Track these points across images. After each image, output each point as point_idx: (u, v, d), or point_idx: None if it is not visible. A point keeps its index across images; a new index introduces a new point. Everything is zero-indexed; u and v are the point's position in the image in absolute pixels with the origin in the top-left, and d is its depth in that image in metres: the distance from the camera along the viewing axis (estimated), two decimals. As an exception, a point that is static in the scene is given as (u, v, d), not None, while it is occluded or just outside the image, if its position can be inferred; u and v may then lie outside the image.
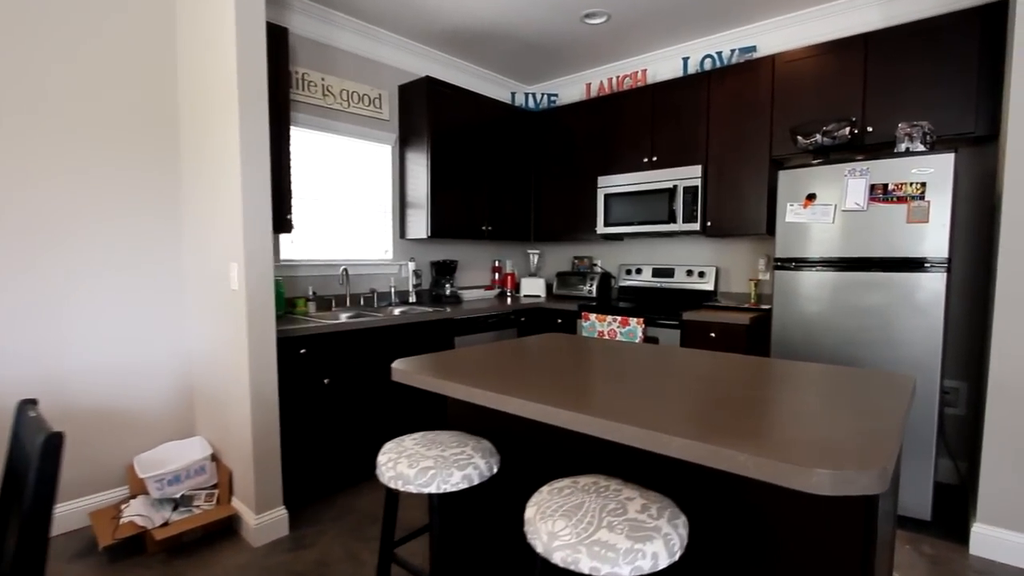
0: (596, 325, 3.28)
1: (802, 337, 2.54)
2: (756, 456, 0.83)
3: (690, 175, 3.17)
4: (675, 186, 3.23)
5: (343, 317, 2.94)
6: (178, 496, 2.25)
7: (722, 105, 3.11)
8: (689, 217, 3.19)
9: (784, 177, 2.55)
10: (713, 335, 2.87)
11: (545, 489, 1.07)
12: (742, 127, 3.03)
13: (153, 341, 2.45)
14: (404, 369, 1.46)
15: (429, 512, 1.52)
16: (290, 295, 2.91)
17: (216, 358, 2.33)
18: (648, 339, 3.12)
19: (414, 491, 1.17)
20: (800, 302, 2.53)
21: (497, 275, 4.16)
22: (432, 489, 1.17)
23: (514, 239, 3.96)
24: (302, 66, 2.92)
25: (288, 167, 2.58)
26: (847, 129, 2.55)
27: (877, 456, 0.83)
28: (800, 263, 2.53)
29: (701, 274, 3.45)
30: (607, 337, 3.23)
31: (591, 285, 3.82)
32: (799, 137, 2.64)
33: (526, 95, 4.16)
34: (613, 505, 0.98)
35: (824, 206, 2.43)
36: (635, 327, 3.10)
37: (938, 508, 2.45)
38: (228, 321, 2.19)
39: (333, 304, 3.05)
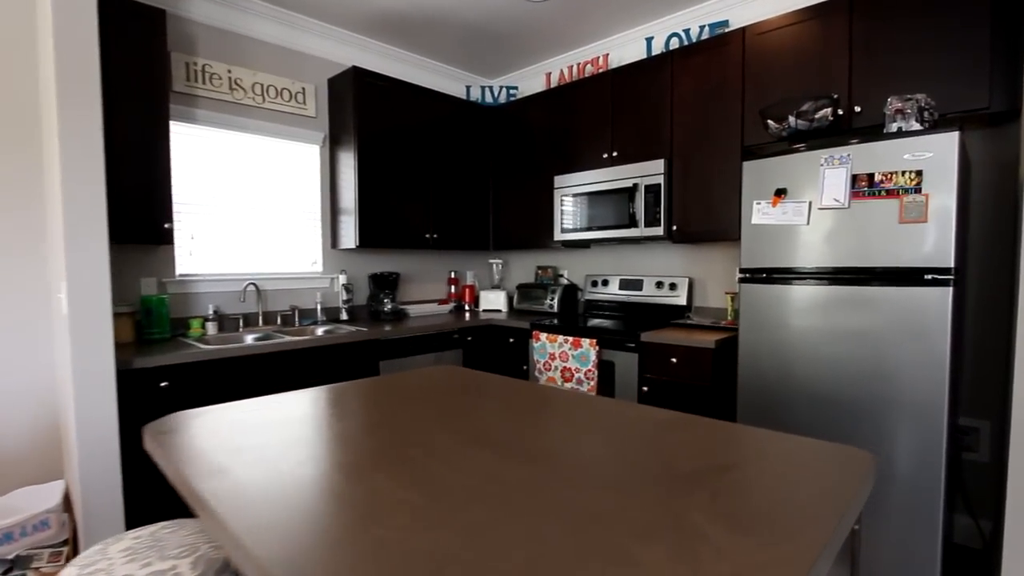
0: (547, 347, 2.84)
1: (774, 366, 2.06)
2: None
3: (652, 171, 2.72)
4: (635, 184, 2.79)
5: (249, 339, 2.58)
6: (12, 557, 1.90)
7: (687, 89, 2.66)
8: (652, 220, 2.74)
9: (749, 170, 2.09)
10: (674, 360, 2.41)
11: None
12: (710, 113, 2.58)
13: (12, 368, 2.12)
14: (154, 431, 1.06)
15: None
16: (184, 314, 2.57)
17: (61, 393, 1.99)
18: (603, 363, 2.67)
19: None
20: (771, 323, 2.06)
21: (453, 288, 3.76)
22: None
23: (469, 247, 3.56)
24: (203, 56, 2.60)
25: (167, 169, 2.24)
26: (828, 109, 2.07)
27: None
28: (771, 275, 2.06)
29: (672, 286, 2.98)
30: (558, 360, 2.79)
31: (553, 298, 3.38)
32: (770, 121, 2.18)
33: (483, 88, 3.77)
34: None
35: (796, 204, 1.96)
36: (588, 349, 2.65)
37: (952, 585, 1.93)
38: (62, 351, 1.85)
39: (241, 324, 2.70)
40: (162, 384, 2.01)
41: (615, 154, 2.95)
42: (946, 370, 1.72)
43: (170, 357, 2.02)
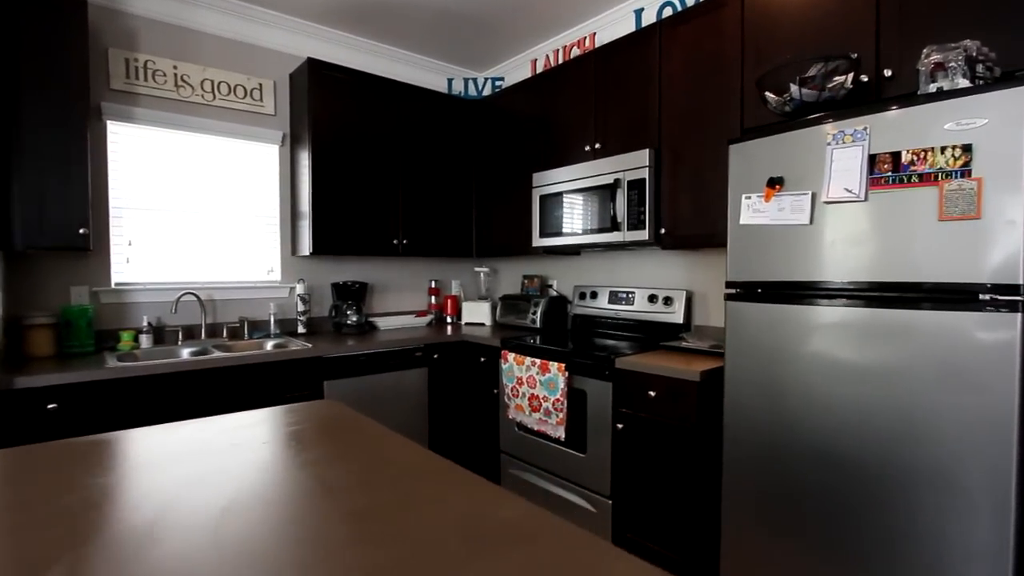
0: (515, 369, 2.45)
1: (769, 411, 1.57)
2: None
3: (636, 163, 2.29)
4: (616, 180, 2.36)
5: (185, 354, 2.37)
6: None
7: (677, 65, 2.21)
8: (635, 223, 2.29)
9: (737, 154, 1.63)
10: (652, 393, 1.96)
11: None
12: (704, 93, 2.12)
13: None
14: None
15: None
16: (116, 326, 2.38)
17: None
18: (573, 391, 2.25)
19: None
20: (765, 354, 1.58)
21: (434, 299, 3.44)
22: None
23: (448, 254, 3.23)
24: (145, 52, 2.43)
25: (84, 171, 2.06)
26: (847, 76, 1.58)
27: None
28: (766, 291, 1.59)
29: (667, 300, 2.51)
30: (526, 386, 2.39)
31: (536, 312, 2.98)
32: (768, 94, 1.70)
33: (466, 81, 3.45)
34: None
35: (795, 197, 1.48)
36: (556, 375, 2.24)
37: None
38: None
39: (180, 337, 2.50)
40: (49, 407, 1.80)
41: (598, 146, 2.54)
42: (1015, 429, 1.20)
43: (63, 376, 1.82)
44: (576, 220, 2.56)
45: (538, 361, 2.33)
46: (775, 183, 1.52)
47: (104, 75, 2.33)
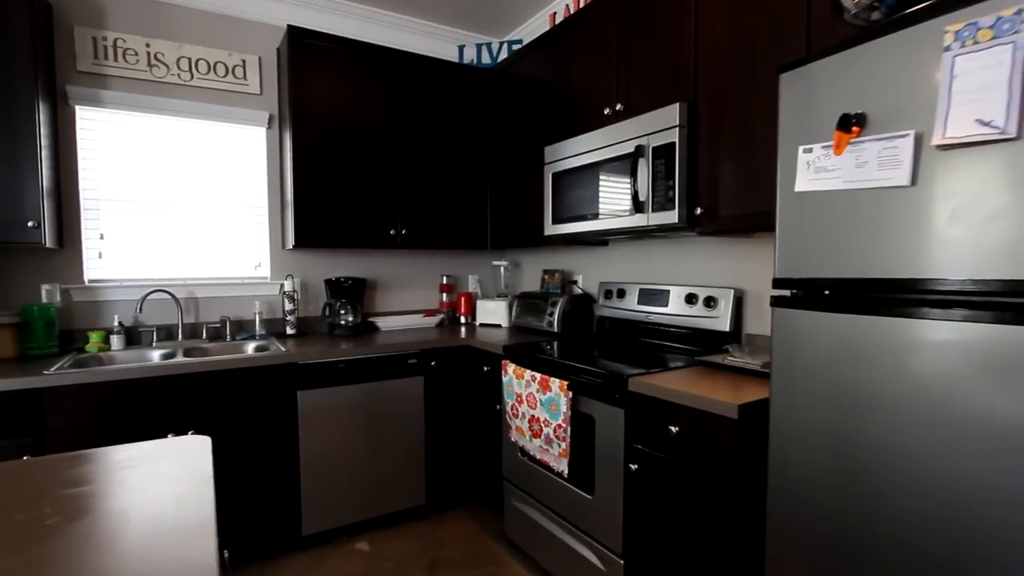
0: (515, 384, 2.02)
1: (833, 481, 1.03)
2: None
3: (664, 123, 1.76)
4: (639, 147, 1.84)
5: (155, 357, 2.18)
6: None
7: (719, -13, 1.66)
8: (663, 202, 1.77)
9: (789, 87, 1.09)
10: (675, 429, 1.45)
11: None
12: (755, 17, 1.56)
13: None
14: None
15: None
16: (90, 326, 2.23)
17: None
18: (578, 416, 1.78)
19: None
20: (830, 393, 1.04)
21: (446, 296, 3.08)
22: None
23: (458, 246, 2.84)
24: (114, 30, 2.24)
25: (34, 160, 1.88)
26: (980, -49, 0.99)
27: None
28: (833, 293, 1.04)
29: (709, 301, 1.96)
30: (526, 405, 1.96)
31: (553, 313, 2.53)
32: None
33: (479, 48, 3.01)
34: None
35: (886, 142, 0.93)
36: (558, 395, 1.79)
37: None
38: None
39: (155, 338, 2.30)
40: (-28, 419, 1.63)
41: (619, 107, 2.02)
42: None
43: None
44: (592, 202, 2.07)
45: (538, 376, 1.88)
46: (851, 124, 0.97)
47: (70, 56, 2.16)
